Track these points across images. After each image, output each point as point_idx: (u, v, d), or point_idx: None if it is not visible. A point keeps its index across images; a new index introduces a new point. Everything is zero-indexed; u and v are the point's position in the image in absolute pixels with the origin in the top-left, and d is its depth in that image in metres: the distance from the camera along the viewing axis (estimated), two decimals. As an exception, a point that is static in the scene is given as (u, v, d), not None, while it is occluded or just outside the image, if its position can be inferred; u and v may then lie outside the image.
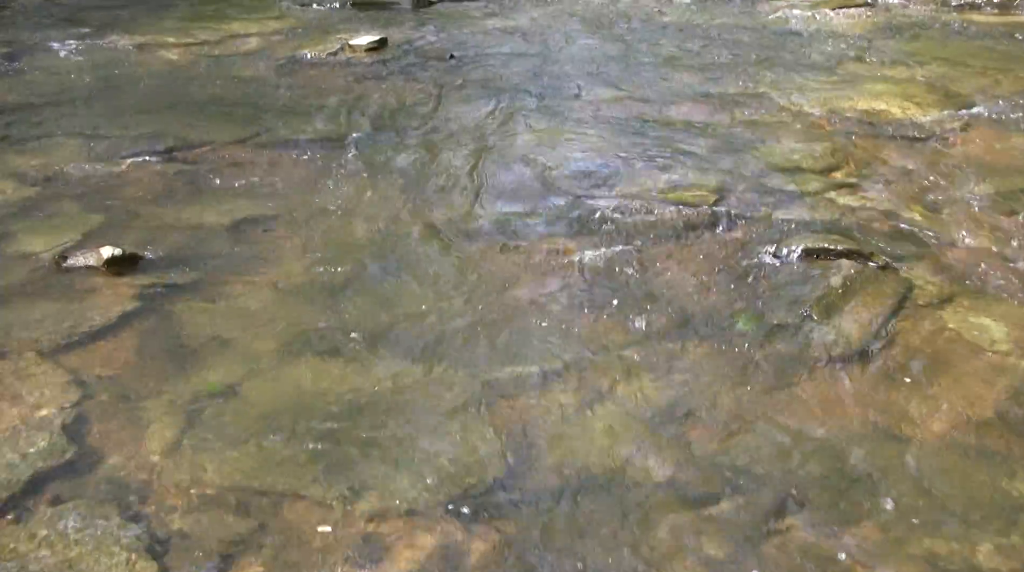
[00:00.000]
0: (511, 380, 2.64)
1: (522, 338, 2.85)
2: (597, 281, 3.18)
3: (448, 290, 3.12)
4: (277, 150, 4.28)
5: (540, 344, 2.82)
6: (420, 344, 2.81)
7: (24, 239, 3.45)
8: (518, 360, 2.73)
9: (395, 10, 6.78)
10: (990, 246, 3.43)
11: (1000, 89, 5.01)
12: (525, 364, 2.71)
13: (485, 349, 2.79)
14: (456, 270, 3.26)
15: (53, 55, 5.77)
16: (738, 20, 6.38)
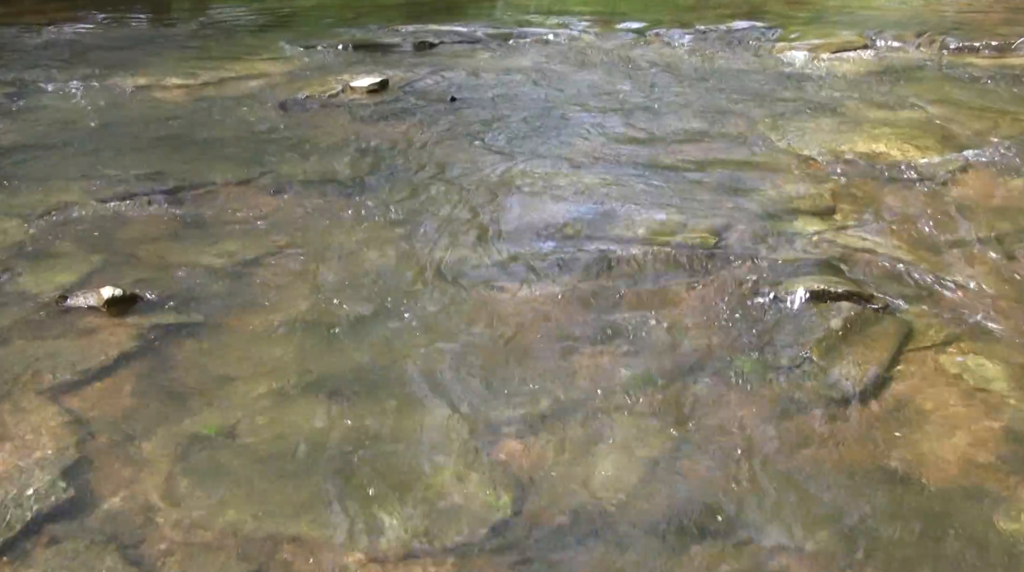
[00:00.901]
0: (511, 421, 2.66)
1: (521, 379, 2.87)
2: (595, 322, 3.20)
3: (447, 331, 3.15)
4: (278, 191, 4.33)
5: (539, 385, 2.84)
6: (420, 385, 2.83)
7: (24, 278, 3.49)
8: (518, 402, 2.75)
9: (396, 52, 6.88)
10: (990, 288, 3.46)
11: (999, 131, 5.07)
12: (525, 405, 2.73)
13: (484, 390, 2.81)
14: (456, 311, 3.29)
15: (55, 95, 5.85)
16: (737, 63, 6.46)
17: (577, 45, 7.00)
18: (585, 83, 6.05)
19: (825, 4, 8.95)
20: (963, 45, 6.84)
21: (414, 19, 8.02)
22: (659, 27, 7.43)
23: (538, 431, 2.62)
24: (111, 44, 7.28)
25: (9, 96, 5.81)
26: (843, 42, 6.98)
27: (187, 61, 6.68)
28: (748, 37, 7.12)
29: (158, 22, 8.46)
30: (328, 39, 7.17)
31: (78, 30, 7.80)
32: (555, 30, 7.41)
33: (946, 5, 8.64)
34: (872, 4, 8.81)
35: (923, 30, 7.25)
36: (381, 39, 7.23)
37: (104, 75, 6.20)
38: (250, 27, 8.09)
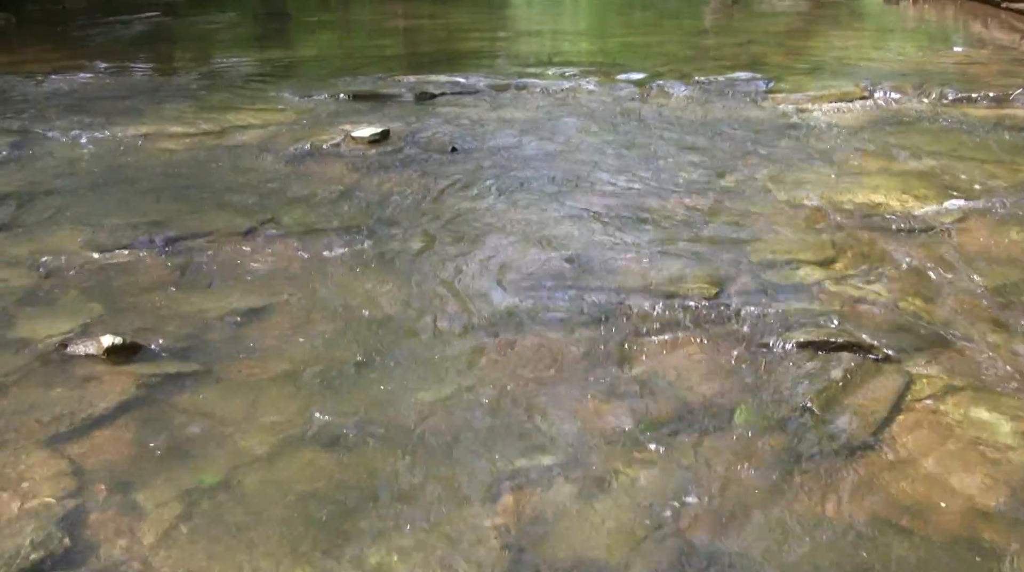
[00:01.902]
0: (512, 473, 2.67)
1: (522, 431, 2.89)
2: (596, 372, 3.23)
3: (447, 382, 3.17)
4: (279, 241, 4.38)
5: (540, 436, 2.86)
6: (420, 436, 2.84)
7: (25, 326, 3.52)
8: (518, 453, 2.76)
9: (397, 103, 6.98)
10: (990, 338, 3.49)
11: (997, 182, 5.14)
12: (526, 457, 2.74)
13: (486, 441, 2.82)
14: (455, 362, 3.31)
15: (58, 144, 5.93)
16: (737, 113, 6.55)
17: (577, 96, 7.09)
18: (585, 134, 6.14)
19: (824, 55, 9.09)
20: (961, 96, 6.94)
21: (415, 70, 8.14)
22: (659, 78, 7.54)
23: (540, 482, 2.63)
24: (113, 93, 7.39)
25: (12, 144, 5.89)
26: (842, 93, 7.09)
27: (189, 110, 6.77)
28: (747, 88, 7.23)
29: (160, 72, 8.59)
30: (329, 89, 7.27)
31: (81, 79, 7.92)
32: (555, 81, 7.52)
33: (944, 56, 8.78)
34: (870, 55, 8.95)
35: (921, 81, 7.36)
36: (382, 89, 7.33)
37: (106, 124, 6.29)
38: (251, 77, 8.21)
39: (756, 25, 11.15)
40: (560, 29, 11.50)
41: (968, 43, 9.73)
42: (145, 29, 11.20)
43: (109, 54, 9.32)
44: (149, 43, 10.59)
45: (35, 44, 9.99)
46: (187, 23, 11.99)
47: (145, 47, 10.32)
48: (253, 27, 12.04)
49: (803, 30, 11.11)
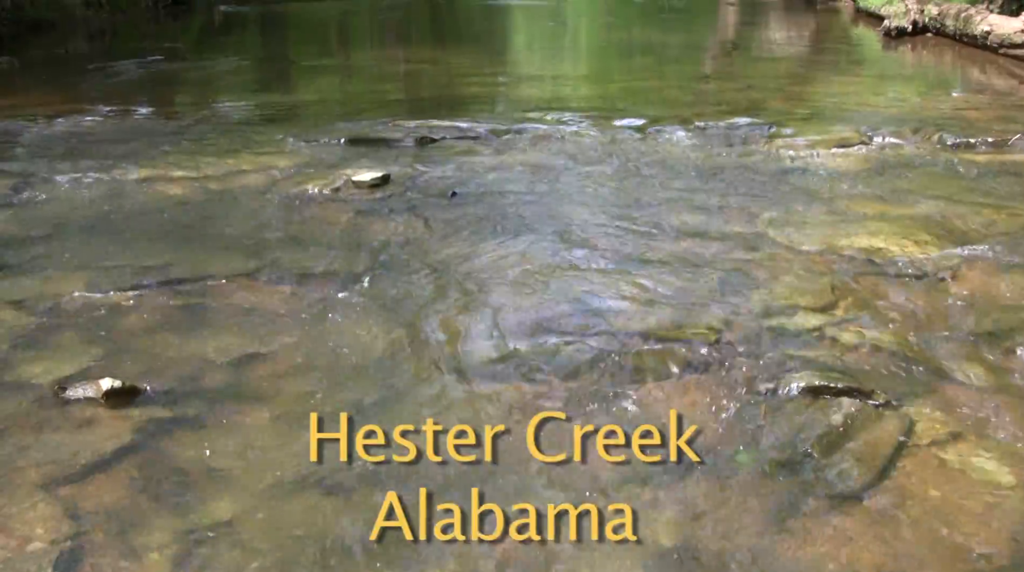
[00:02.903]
0: (514, 520, 2.68)
1: (522, 477, 2.89)
2: (597, 418, 3.24)
3: (446, 428, 3.17)
4: (279, 284, 4.41)
5: (542, 482, 2.87)
6: (419, 483, 2.85)
7: (23, 369, 3.54)
8: (519, 500, 2.77)
9: (398, 147, 7.04)
10: (991, 384, 3.51)
11: (997, 227, 5.18)
12: (528, 502, 2.75)
13: (487, 489, 2.82)
14: (453, 409, 3.32)
15: (59, 186, 5.98)
16: (736, 158, 6.61)
17: (577, 141, 7.15)
18: (584, 179, 6.19)
19: (823, 101, 9.18)
20: (960, 141, 7.00)
21: (416, 114, 8.22)
22: (658, 123, 7.61)
23: (539, 535, 2.63)
24: (115, 136, 7.46)
25: (14, 187, 5.94)
26: (841, 138, 7.16)
27: (190, 154, 6.83)
28: (747, 133, 7.30)
29: (162, 115, 8.68)
30: (330, 133, 7.34)
31: (83, 122, 8.00)
32: (555, 126, 7.59)
33: (942, 102, 8.87)
34: (869, 100, 9.03)
35: (920, 126, 7.43)
36: (383, 134, 7.40)
37: (108, 167, 6.34)
38: (253, 121, 8.29)
39: (755, 70, 11.27)
40: (561, 74, 11.62)
41: (967, 88, 9.84)
42: (147, 73, 11.32)
43: (111, 97, 9.42)
44: (151, 87, 10.70)
45: (38, 87, 10.09)
46: (189, 67, 12.12)
47: (147, 91, 10.42)
48: (255, 71, 12.16)
49: (802, 75, 11.23)
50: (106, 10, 16.82)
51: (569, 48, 14.79)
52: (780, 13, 18.02)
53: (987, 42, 11.03)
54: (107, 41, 15.14)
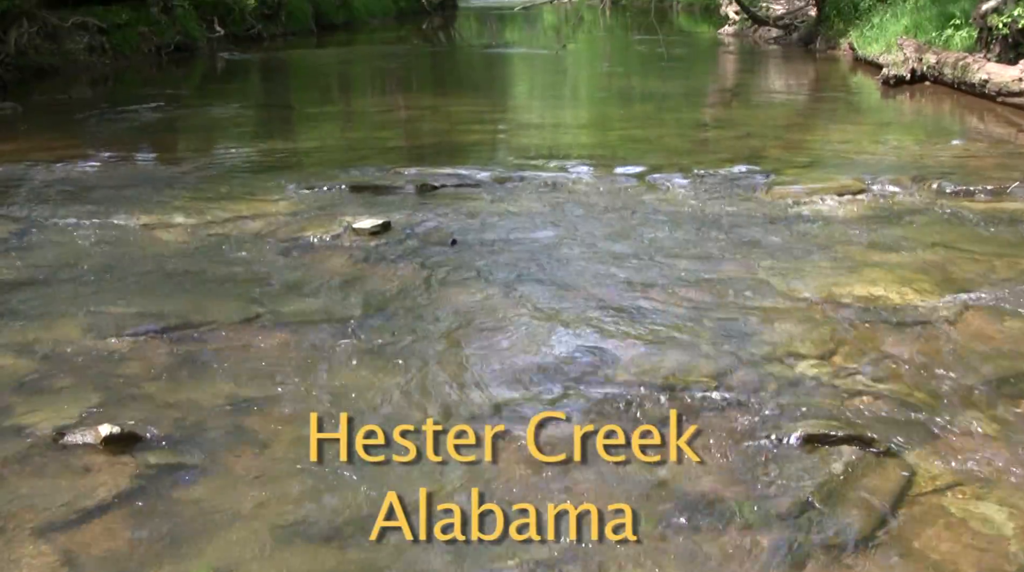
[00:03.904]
0: (516, 568, 2.68)
1: (524, 524, 2.89)
2: (597, 467, 3.25)
3: (446, 477, 3.18)
4: (279, 331, 4.44)
5: (539, 532, 2.87)
6: (418, 531, 2.85)
7: (22, 414, 3.57)
8: (521, 550, 2.77)
9: (398, 194, 7.10)
10: (991, 431, 3.53)
11: (996, 275, 5.21)
12: (530, 551, 2.75)
13: (489, 541, 2.82)
14: (452, 457, 3.33)
15: (60, 231, 6.04)
16: (736, 206, 6.67)
17: (577, 189, 7.21)
18: (584, 227, 6.24)
19: (822, 148, 9.27)
20: (959, 189, 7.06)
21: (416, 161, 8.29)
22: (658, 171, 7.67)
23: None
24: (116, 182, 7.53)
25: (15, 232, 6.00)
26: (840, 186, 7.21)
27: (191, 200, 6.90)
28: (746, 181, 7.36)
29: (163, 161, 8.77)
30: (331, 180, 7.41)
31: (85, 168, 8.08)
32: (555, 174, 7.65)
33: (941, 150, 8.94)
34: (868, 148, 9.12)
35: (919, 174, 7.49)
36: (383, 181, 7.46)
37: (109, 213, 6.40)
38: (254, 167, 8.36)
39: (754, 118, 11.39)
40: (561, 121, 11.74)
41: (965, 136, 9.93)
42: (149, 119, 11.44)
43: (113, 143, 9.52)
44: (153, 133, 10.81)
45: (40, 133, 10.20)
46: (191, 113, 12.25)
47: (149, 137, 10.53)
48: (256, 118, 12.29)
49: (801, 123, 11.35)
50: (109, 56, 17.04)
51: (569, 96, 14.95)
52: (779, 61, 18.23)
53: (985, 90, 11.15)
54: (110, 87, 15.31)
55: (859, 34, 16.31)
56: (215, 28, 20.75)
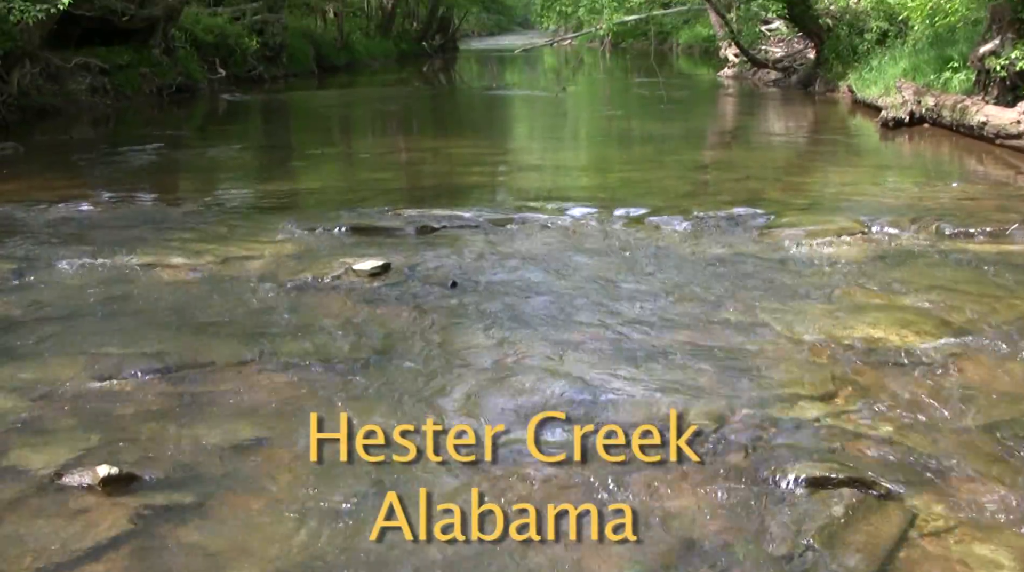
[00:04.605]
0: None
1: (526, 569, 2.90)
2: (598, 508, 3.25)
3: (447, 519, 3.19)
4: (278, 372, 4.46)
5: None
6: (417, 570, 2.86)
7: (20, 454, 3.58)
8: None
9: (398, 236, 7.15)
10: (992, 474, 3.54)
11: (996, 317, 5.24)
12: None
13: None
14: (452, 499, 3.34)
15: (60, 272, 6.08)
16: (735, 248, 6.71)
17: (577, 231, 7.26)
18: (584, 269, 6.27)
19: (821, 190, 9.34)
20: (959, 231, 7.10)
21: (416, 203, 8.35)
22: (658, 213, 7.72)
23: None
24: (117, 223, 7.59)
25: (15, 272, 6.04)
26: (840, 228, 7.26)
27: (191, 241, 6.94)
28: (746, 223, 7.41)
29: (163, 202, 8.83)
30: (331, 221, 7.45)
31: (85, 208, 8.15)
32: (555, 216, 7.70)
33: (940, 191, 9.00)
34: (868, 190, 9.17)
35: (919, 216, 7.53)
36: (383, 222, 7.51)
37: (109, 253, 6.44)
38: (254, 208, 8.43)
39: (754, 160, 11.47)
40: (560, 163, 11.82)
41: (964, 178, 10.00)
42: (150, 160, 11.54)
43: (114, 184, 9.60)
44: (154, 173, 10.90)
45: (41, 173, 10.28)
46: (192, 154, 12.36)
47: (150, 177, 10.61)
48: (256, 159, 12.39)
49: (801, 165, 11.43)
50: (111, 97, 17.22)
51: (569, 138, 15.06)
52: (778, 103, 18.40)
53: (984, 132, 11.25)
54: (111, 127, 15.45)
55: (858, 77, 16.48)
56: (217, 70, 21.00)
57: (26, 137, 12.71)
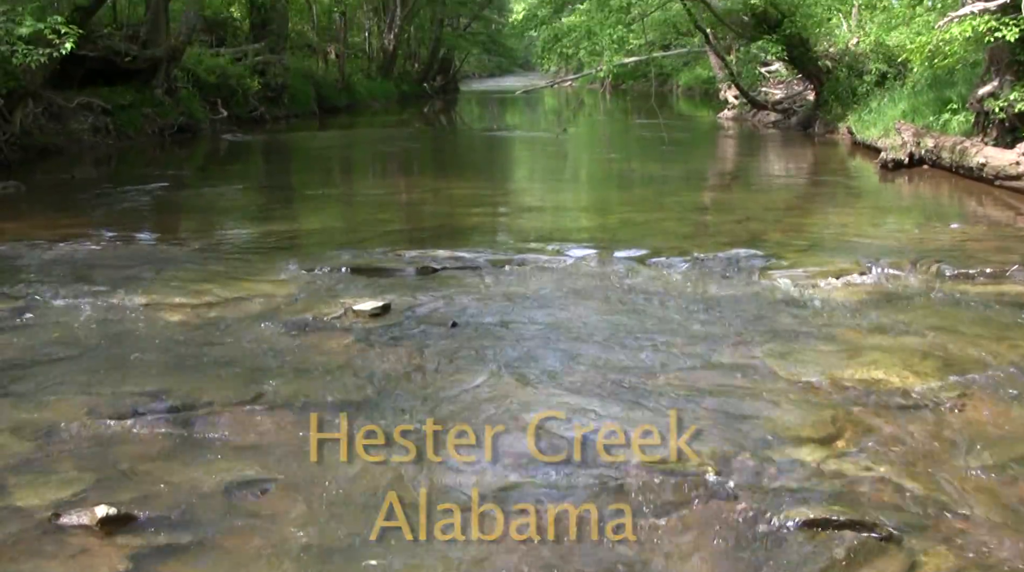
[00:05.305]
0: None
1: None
2: (598, 549, 3.25)
3: (447, 560, 3.19)
4: (277, 413, 4.46)
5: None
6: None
7: (18, 494, 3.58)
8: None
9: (399, 276, 7.18)
10: (993, 516, 3.54)
11: (997, 358, 5.25)
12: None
13: None
14: (453, 540, 3.34)
15: (60, 311, 6.10)
16: (735, 290, 6.74)
17: (577, 272, 7.28)
18: (584, 310, 6.29)
19: (821, 232, 9.38)
20: (959, 272, 7.14)
21: (417, 244, 8.39)
22: (658, 255, 7.76)
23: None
24: (117, 262, 7.62)
25: (15, 311, 6.07)
26: (840, 269, 7.30)
27: (191, 280, 6.97)
28: (746, 265, 7.44)
29: (164, 241, 8.87)
30: (331, 262, 7.49)
31: (86, 248, 8.18)
32: (555, 257, 7.73)
33: (940, 233, 9.05)
34: (867, 232, 9.22)
35: (919, 257, 7.57)
36: (384, 263, 7.55)
37: (109, 292, 6.47)
38: (254, 248, 8.46)
39: (754, 201, 11.53)
40: (561, 205, 11.89)
41: (964, 220, 10.06)
42: (151, 199, 11.61)
43: (115, 223, 9.65)
44: (155, 213, 10.96)
45: (43, 212, 10.34)
46: (193, 194, 12.44)
47: (150, 217, 10.68)
48: (257, 199, 12.46)
49: (800, 206, 11.50)
50: (113, 136, 17.35)
51: (570, 179, 15.16)
52: (778, 145, 18.53)
53: (983, 174, 11.34)
54: (113, 167, 15.55)
55: (857, 118, 16.62)
56: (219, 110, 21.16)
57: (28, 176, 12.79)
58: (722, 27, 21.64)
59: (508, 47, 51.11)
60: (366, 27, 36.49)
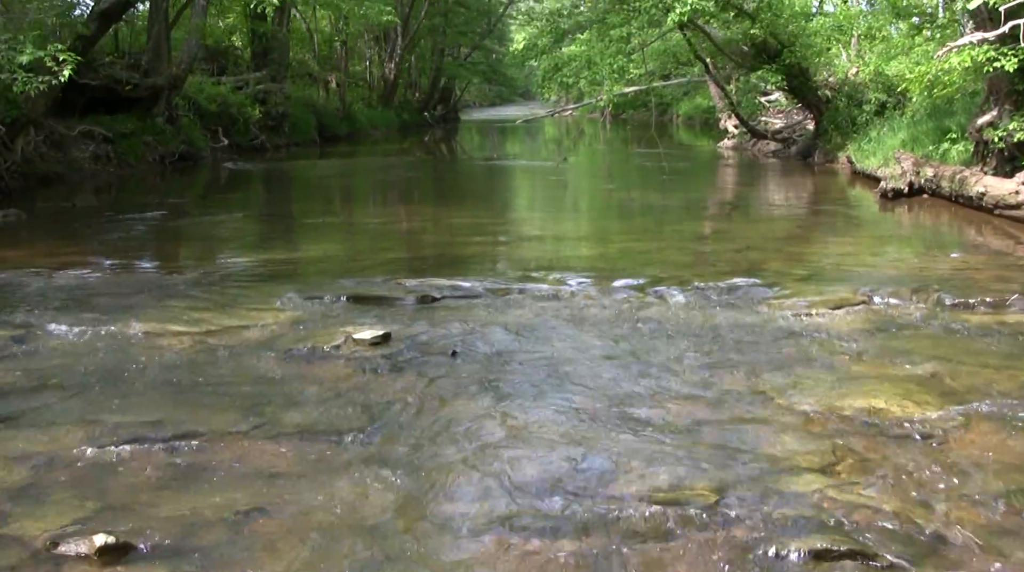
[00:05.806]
0: None
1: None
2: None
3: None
4: (277, 442, 4.47)
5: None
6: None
7: (16, 523, 3.59)
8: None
9: (399, 305, 7.20)
10: (995, 545, 3.54)
11: (997, 387, 5.27)
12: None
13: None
14: (455, 567, 3.34)
15: (60, 339, 6.12)
16: (735, 319, 6.75)
17: (576, 301, 7.30)
18: (584, 339, 6.31)
19: (821, 262, 9.41)
20: (959, 302, 7.16)
21: (417, 273, 8.42)
22: (658, 284, 7.78)
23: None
24: (117, 290, 7.65)
25: (15, 339, 6.09)
26: (840, 298, 7.32)
27: (191, 309, 6.99)
28: (746, 294, 7.46)
29: (164, 270, 8.91)
30: (332, 290, 7.51)
31: (86, 275, 8.22)
32: (555, 286, 7.75)
33: (940, 262, 9.08)
34: (867, 261, 9.25)
35: (919, 286, 7.60)
36: (384, 292, 7.57)
37: (109, 320, 6.49)
38: (255, 276, 8.49)
39: (754, 231, 11.57)
40: (561, 234, 11.92)
41: (964, 249, 10.09)
42: (152, 227, 11.66)
43: (115, 251, 9.69)
44: (155, 241, 11.01)
45: (43, 240, 10.39)
46: (193, 222, 12.48)
47: (151, 245, 10.72)
48: (258, 227, 12.51)
49: (800, 236, 11.54)
50: (114, 164, 17.44)
51: (570, 209, 15.21)
52: (778, 174, 18.61)
53: (982, 203, 11.39)
54: (114, 195, 15.62)
55: (857, 148, 16.71)
56: (219, 138, 21.29)
57: (29, 204, 12.86)
58: (722, 57, 21.83)
59: (508, 76, 51.46)
60: (367, 56, 36.77)
